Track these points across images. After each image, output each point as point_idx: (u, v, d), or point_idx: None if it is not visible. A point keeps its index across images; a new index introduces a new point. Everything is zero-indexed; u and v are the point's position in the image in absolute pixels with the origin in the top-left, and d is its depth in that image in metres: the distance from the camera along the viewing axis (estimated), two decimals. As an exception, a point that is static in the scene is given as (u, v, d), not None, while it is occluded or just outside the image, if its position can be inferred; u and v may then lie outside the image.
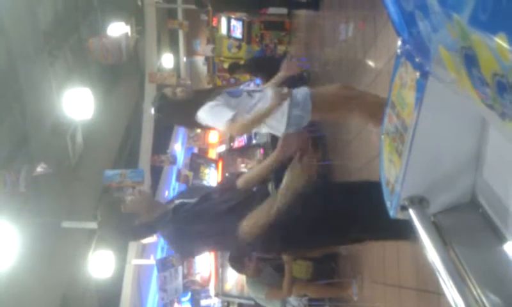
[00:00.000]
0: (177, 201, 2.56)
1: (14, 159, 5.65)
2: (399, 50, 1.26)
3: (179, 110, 3.27)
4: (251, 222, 2.28)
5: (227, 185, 2.64)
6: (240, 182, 2.57)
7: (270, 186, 2.56)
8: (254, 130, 3.13)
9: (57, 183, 6.08)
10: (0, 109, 5.43)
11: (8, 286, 4.83)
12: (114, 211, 2.46)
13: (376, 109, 3.15)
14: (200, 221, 2.40)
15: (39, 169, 4.78)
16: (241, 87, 3.40)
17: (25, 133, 5.93)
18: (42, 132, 6.06)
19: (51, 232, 5.68)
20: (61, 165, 6.42)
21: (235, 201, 2.44)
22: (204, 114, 3.17)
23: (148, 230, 2.57)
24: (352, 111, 3.46)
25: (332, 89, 3.41)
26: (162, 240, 10.72)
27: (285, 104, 3.18)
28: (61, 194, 6.32)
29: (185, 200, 2.54)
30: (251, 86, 3.35)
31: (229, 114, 3.04)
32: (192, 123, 3.36)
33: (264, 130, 3.46)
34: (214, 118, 3.14)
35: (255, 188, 2.59)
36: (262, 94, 3.25)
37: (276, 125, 3.26)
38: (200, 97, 3.28)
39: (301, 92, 3.27)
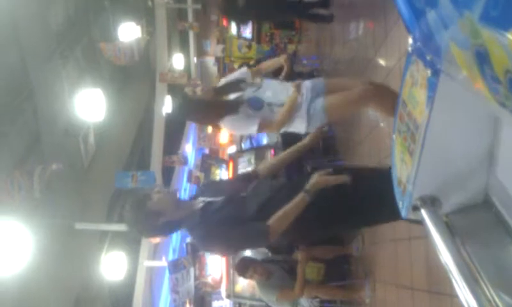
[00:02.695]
0: (201, 198, 2.61)
1: (26, 160, 5.70)
2: (410, 48, 1.25)
3: (199, 109, 3.40)
4: (278, 224, 2.37)
5: (248, 177, 2.73)
6: (262, 169, 2.76)
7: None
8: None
9: (70, 185, 6.12)
10: (12, 110, 5.48)
11: (21, 287, 4.87)
12: (141, 207, 2.51)
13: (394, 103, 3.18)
14: (229, 223, 2.46)
15: (53, 167, 4.81)
16: (260, 90, 3.42)
17: (37, 134, 5.98)
18: (54, 134, 6.10)
19: (64, 233, 5.72)
20: (73, 166, 6.47)
21: (262, 197, 2.50)
22: (227, 126, 3.37)
23: (172, 228, 2.63)
24: (368, 104, 3.54)
25: (350, 94, 3.35)
26: (174, 241, 10.77)
27: (303, 125, 3.29)
28: (74, 196, 6.36)
29: (211, 199, 2.58)
30: (271, 91, 3.37)
31: (254, 126, 3.24)
32: (212, 123, 3.58)
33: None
34: (239, 129, 3.41)
35: (280, 183, 2.63)
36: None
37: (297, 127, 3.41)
38: (220, 100, 3.36)
39: (317, 113, 3.28)
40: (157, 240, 2.89)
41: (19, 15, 5.28)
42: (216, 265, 10.09)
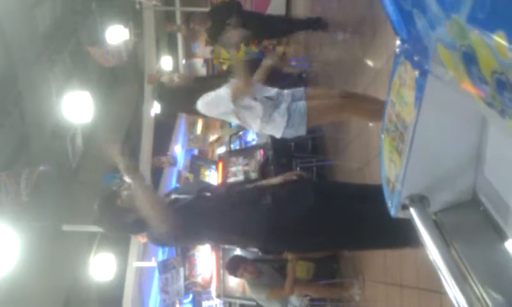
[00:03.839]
0: (173, 196, 2.57)
1: (14, 163, 5.66)
2: (397, 50, 1.26)
3: (177, 96, 3.29)
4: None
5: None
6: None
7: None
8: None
9: (57, 187, 6.08)
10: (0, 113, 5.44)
11: (10, 290, 4.83)
12: (111, 205, 2.46)
13: (374, 110, 3.23)
14: (190, 220, 2.43)
15: (41, 169, 4.77)
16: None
17: (25, 137, 5.94)
18: (42, 136, 6.06)
19: (52, 236, 5.68)
20: (61, 168, 6.42)
21: (226, 200, 2.47)
22: (205, 105, 3.20)
23: (141, 225, 2.54)
24: (349, 115, 3.56)
25: (329, 102, 3.39)
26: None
27: (282, 123, 3.23)
28: (62, 197, 6.32)
29: (180, 196, 2.55)
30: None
31: (227, 95, 3.11)
32: (190, 110, 3.37)
33: (257, 130, 3.50)
34: (217, 103, 3.20)
35: (246, 188, 2.63)
36: (269, 103, 3.28)
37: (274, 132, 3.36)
38: (202, 84, 3.29)
39: (298, 111, 3.25)
40: (145, 239, 2.85)
41: (5, 18, 5.24)
42: (205, 264, 10.07)
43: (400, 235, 1.57)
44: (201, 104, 3.20)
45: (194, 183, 3.23)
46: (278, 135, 3.31)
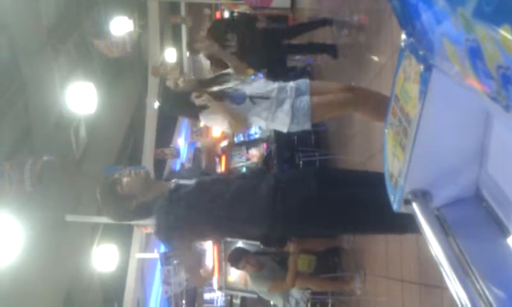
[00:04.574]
0: (173, 181, 2.56)
1: (17, 153, 5.67)
2: (402, 44, 1.26)
3: (181, 101, 3.36)
4: None
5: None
6: None
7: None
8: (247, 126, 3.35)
9: (60, 177, 6.10)
10: (3, 103, 5.45)
11: (12, 280, 4.86)
12: (112, 193, 2.47)
13: (378, 107, 3.22)
14: (194, 212, 2.43)
15: (44, 158, 4.78)
16: (244, 83, 3.41)
17: (28, 127, 5.95)
18: (45, 126, 6.07)
19: (55, 226, 5.69)
20: (64, 159, 6.44)
21: (231, 192, 2.46)
22: (204, 119, 3.37)
23: (145, 211, 2.55)
24: (352, 110, 3.57)
25: (333, 97, 3.38)
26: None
27: (286, 121, 3.24)
28: (65, 188, 6.33)
29: (182, 182, 2.54)
30: (255, 86, 3.36)
31: (223, 124, 3.25)
32: (194, 115, 3.45)
33: (263, 125, 3.52)
34: (213, 123, 3.39)
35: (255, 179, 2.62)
36: (268, 103, 3.27)
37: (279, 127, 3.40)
38: (203, 91, 3.33)
39: (302, 108, 3.25)
40: (148, 229, 2.87)
41: (9, 8, 5.24)
42: (207, 257, 10.11)
43: (400, 221, 1.57)
44: (207, 117, 3.33)
45: (195, 168, 3.23)
46: (284, 131, 3.36)
